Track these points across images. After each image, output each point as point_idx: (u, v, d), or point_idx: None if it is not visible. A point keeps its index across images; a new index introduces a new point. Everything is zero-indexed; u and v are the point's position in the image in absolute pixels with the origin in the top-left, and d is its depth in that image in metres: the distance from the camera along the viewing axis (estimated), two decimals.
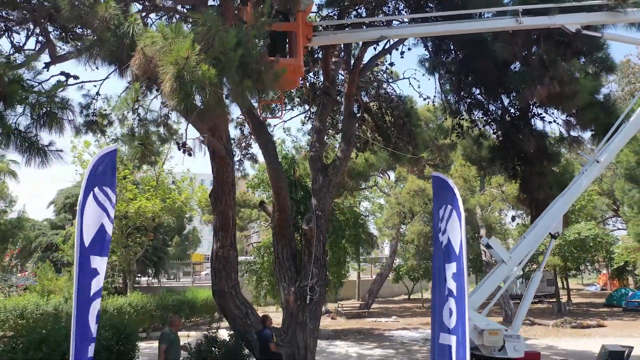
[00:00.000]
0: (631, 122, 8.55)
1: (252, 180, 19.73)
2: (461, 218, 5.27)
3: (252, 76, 5.62)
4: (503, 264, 7.91)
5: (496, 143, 11.77)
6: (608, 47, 10.46)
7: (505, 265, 7.90)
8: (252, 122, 12.32)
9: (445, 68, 11.67)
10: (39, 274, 17.60)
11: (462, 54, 11.17)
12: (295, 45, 7.44)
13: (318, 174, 11.90)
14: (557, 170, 10.98)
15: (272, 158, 11.69)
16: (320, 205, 11.68)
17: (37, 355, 7.56)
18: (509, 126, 11.17)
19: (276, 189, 11.65)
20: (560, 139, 10.44)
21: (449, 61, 11.55)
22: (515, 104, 10.78)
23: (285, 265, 11.53)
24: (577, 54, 10.00)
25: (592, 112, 9.90)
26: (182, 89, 5.09)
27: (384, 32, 8.65)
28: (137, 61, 5.50)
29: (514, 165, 11.39)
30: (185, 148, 5.90)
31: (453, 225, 5.35)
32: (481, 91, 11.48)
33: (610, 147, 8.51)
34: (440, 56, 11.62)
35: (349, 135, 12.44)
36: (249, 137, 17.53)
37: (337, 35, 8.75)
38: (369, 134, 16.71)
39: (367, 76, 15.88)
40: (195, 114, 5.29)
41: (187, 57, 5.14)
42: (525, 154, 11.01)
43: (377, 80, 16.52)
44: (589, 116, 9.91)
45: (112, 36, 5.79)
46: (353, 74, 12.28)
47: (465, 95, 11.73)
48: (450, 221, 5.43)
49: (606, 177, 25.92)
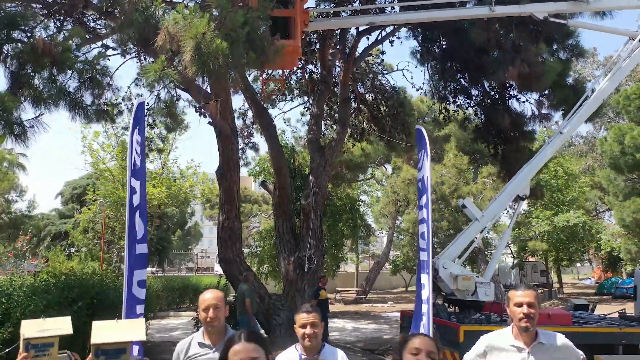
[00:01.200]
0: (591, 99, 9.77)
1: (254, 169, 21.01)
2: (428, 157, 6.50)
3: (256, 50, 6.89)
4: (476, 221, 9.15)
5: (479, 125, 13.05)
6: (578, 34, 11.78)
7: (478, 223, 9.13)
8: (255, 106, 13.63)
9: (432, 56, 12.95)
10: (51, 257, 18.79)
11: (447, 42, 12.45)
12: (294, 29, 8.70)
13: (316, 154, 13.16)
14: (533, 149, 12.24)
15: (273, 140, 12.99)
16: (318, 182, 12.93)
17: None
18: (490, 108, 12.45)
19: (277, 168, 12.94)
20: (533, 117, 11.70)
21: (434, 49, 12.83)
22: (494, 87, 12.05)
23: (285, 238, 12.78)
24: (549, 40, 11.27)
25: (563, 93, 11.18)
26: (200, 58, 6.35)
27: (372, 18, 9.93)
28: (162, 37, 6.76)
29: (495, 145, 12.65)
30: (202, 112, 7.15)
31: (424, 164, 6.59)
32: (464, 77, 12.74)
33: (573, 121, 9.75)
34: (426, 45, 12.90)
35: (343, 119, 13.74)
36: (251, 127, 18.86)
37: (331, 21, 9.99)
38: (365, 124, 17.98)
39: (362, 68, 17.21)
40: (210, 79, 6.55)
41: (204, 33, 6.40)
42: (504, 134, 12.28)
43: (372, 72, 17.82)
44: (559, 96, 11.20)
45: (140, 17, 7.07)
46: (348, 62, 13.56)
47: (450, 81, 12.99)
48: (423, 161, 6.66)
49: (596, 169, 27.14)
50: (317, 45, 14.59)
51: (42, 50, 5.88)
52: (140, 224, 5.33)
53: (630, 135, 19.70)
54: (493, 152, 12.74)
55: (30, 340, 3.11)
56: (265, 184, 15.14)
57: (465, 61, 11.99)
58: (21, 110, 5.98)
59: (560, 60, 11.37)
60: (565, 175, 25.61)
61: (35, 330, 3.18)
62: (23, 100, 5.97)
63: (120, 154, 21.04)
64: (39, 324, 3.28)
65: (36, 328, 3.20)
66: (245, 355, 2.33)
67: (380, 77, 17.74)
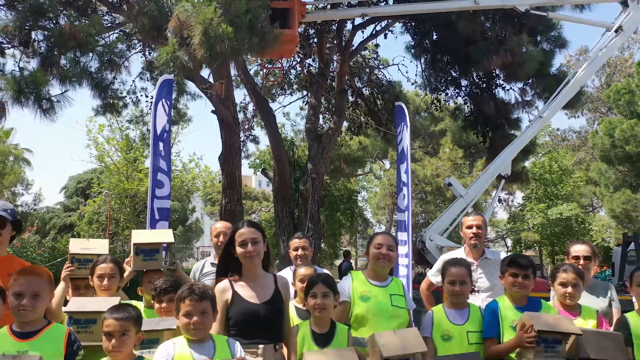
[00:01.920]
0: (569, 86, 10.61)
1: (254, 162, 21.88)
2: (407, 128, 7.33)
3: (258, 35, 7.73)
4: (461, 198, 9.98)
5: (468, 114, 13.90)
6: (561, 27, 12.63)
7: (462, 199, 9.97)
8: (255, 97, 14.48)
9: (424, 48, 13.79)
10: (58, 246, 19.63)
11: (437, 35, 13.30)
12: (292, 19, 9.55)
13: (313, 143, 13.99)
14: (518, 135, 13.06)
15: (273, 129, 13.83)
16: (315, 169, 13.76)
17: None
18: (478, 98, 13.28)
19: (276, 155, 13.79)
20: (517, 104, 12.55)
21: (426, 42, 13.67)
22: (482, 77, 12.90)
23: (285, 222, 13.61)
24: (533, 32, 12.11)
25: (545, 82, 12.03)
26: (208, 42, 7.20)
27: (364, 10, 10.80)
28: (173, 24, 7.62)
29: (484, 132, 13.48)
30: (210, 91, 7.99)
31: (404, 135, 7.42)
32: (454, 68, 13.58)
33: (552, 106, 10.59)
34: (418, 38, 13.77)
35: (340, 109, 14.58)
36: (252, 120, 19.72)
37: (327, 13, 10.86)
38: (362, 118, 18.83)
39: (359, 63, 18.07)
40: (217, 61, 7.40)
41: (212, 19, 7.25)
42: (492, 122, 13.11)
43: (368, 66, 18.68)
44: (542, 85, 12.06)
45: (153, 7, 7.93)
46: (344, 55, 14.41)
47: (441, 73, 13.84)
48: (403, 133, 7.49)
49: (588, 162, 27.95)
50: (315, 40, 15.47)
51: (68, 34, 6.73)
52: (165, 179, 6.10)
53: (619, 129, 20.51)
54: (482, 139, 13.58)
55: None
56: (266, 171, 16.02)
57: (455, 53, 12.80)
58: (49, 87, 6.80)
59: (544, 51, 12.23)
60: (560, 170, 26.42)
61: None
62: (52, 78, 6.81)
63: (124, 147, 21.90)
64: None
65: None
66: (247, 235, 3.20)
67: (377, 71, 18.60)
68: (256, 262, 3.22)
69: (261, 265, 3.29)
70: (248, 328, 3.08)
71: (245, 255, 3.17)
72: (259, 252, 3.21)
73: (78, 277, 3.92)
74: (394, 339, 3.10)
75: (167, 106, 6.31)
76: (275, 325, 3.20)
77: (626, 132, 20.27)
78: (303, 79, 18.27)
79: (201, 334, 2.79)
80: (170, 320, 3.19)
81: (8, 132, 26.46)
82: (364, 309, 3.40)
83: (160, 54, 7.35)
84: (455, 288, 3.47)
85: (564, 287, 3.54)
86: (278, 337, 3.20)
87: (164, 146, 6.11)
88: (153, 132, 6.03)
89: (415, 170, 23.87)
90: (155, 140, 6.05)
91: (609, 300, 4.04)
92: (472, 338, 3.37)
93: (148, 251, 3.91)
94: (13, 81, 6.50)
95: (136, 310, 2.94)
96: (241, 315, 3.11)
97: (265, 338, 3.11)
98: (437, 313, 3.51)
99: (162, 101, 6.19)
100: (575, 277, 3.53)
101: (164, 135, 6.07)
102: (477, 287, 4.12)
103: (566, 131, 30.34)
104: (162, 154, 6.08)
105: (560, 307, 3.59)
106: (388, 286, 3.56)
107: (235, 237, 3.22)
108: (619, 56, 27.14)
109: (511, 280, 3.46)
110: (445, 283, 3.55)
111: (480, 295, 4.13)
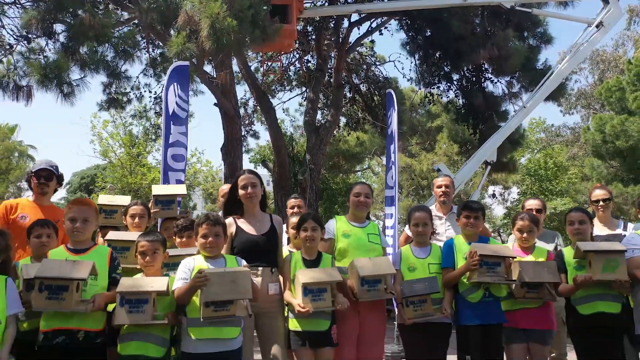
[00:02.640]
0: (552, 78, 11.38)
1: (255, 156, 22.70)
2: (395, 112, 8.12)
3: (259, 28, 8.56)
4: None
5: (459, 107, 14.74)
6: (547, 23, 13.47)
7: None
8: (256, 91, 15.32)
9: (417, 44, 14.62)
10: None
11: (430, 31, 14.11)
12: (291, 15, 10.38)
13: (312, 134, 14.83)
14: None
15: (273, 121, 14.67)
16: (314, 159, 14.58)
17: None
18: (468, 91, 14.10)
19: (276, 147, 14.62)
20: (504, 96, 13.38)
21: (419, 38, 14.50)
22: (472, 71, 13.73)
23: (283, 212, 14.43)
24: (520, 28, 12.95)
25: (531, 75, 12.84)
26: (214, 34, 8.03)
27: (358, 7, 11.65)
28: (182, 18, 8.45)
29: (474, 124, 14.30)
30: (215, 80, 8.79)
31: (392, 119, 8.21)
32: (446, 63, 14.40)
33: (535, 97, 11.37)
34: (411, 34, 14.61)
35: (337, 102, 15.43)
36: (252, 116, 20.59)
37: (323, 9, 11.74)
38: (360, 113, 19.66)
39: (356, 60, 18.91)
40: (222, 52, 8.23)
41: (218, 13, 8.08)
42: (481, 114, 13.93)
43: (365, 63, 19.52)
44: (528, 78, 12.89)
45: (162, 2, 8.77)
46: (341, 51, 15.25)
47: (433, 67, 14.66)
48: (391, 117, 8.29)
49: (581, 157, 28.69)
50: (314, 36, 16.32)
51: (88, 25, 7.57)
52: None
53: (610, 124, 21.28)
54: (473, 131, 14.40)
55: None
56: (266, 162, 16.85)
57: (446, 48, 13.63)
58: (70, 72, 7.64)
59: (530, 46, 13.07)
60: (555, 166, 27.17)
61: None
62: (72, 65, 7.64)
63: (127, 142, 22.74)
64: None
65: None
66: (247, 180, 4.02)
67: (374, 68, 19.43)
68: (255, 203, 4.05)
69: (259, 206, 4.11)
70: (249, 255, 3.88)
71: (246, 196, 3.99)
72: (257, 194, 4.03)
73: (106, 225, 4.72)
74: (369, 263, 3.93)
75: (179, 90, 7.08)
76: (272, 253, 4.01)
77: (616, 127, 21.02)
78: (302, 75, 19.12)
79: (215, 252, 3.60)
80: (189, 249, 4.01)
81: (13, 128, 27.31)
82: (346, 244, 4.22)
83: (171, 45, 8.17)
84: (419, 229, 4.29)
85: (521, 233, 4.36)
86: (274, 263, 4.01)
87: (176, 126, 6.86)
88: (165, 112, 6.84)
89: (412, 165, 24.68)
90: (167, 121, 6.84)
91: (556, 245, 4.88)
92: (432, 269, 4.19)
93: (165, 202, 4.75)
94: (39, 67, 7.32)
95: (162, 235, 3.76)
96: (243, 244, 3.92)
97: (263, 262, 3.92)
98: (404, 250, 4.34)
99: (173, 85, 6.98)
100: (530, 224, 4.34)
101: (175, 116, 6.84)
102: (445, 236, 4.95)
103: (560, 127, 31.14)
104: (180, 131, 6.80)
105: (518, 248, 4.40)
106: (366, 227, 4.38)
107: (238, 182, 4.04)
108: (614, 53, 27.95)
109: (464, 221, 4.28)
110: (411, 226, 4.37)
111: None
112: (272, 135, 14.73)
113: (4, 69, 7.29)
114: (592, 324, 3.84)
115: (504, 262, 3.97)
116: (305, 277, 3.77)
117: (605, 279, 3.73)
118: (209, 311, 3.27)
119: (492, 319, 4.02)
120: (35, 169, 4.56)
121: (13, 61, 7.42)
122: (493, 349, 4.02)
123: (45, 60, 7.56)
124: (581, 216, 4.19)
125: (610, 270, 3.72)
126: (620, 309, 3.86)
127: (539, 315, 4.11)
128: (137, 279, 3.49)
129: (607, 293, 3.83)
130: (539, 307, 4.10)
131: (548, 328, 4.16)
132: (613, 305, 3.84)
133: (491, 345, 4.01)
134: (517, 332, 4.11)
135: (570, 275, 4.03)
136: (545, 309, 4.13)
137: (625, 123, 20.90)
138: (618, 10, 11.48)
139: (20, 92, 7.48)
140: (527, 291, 3.97)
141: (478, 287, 4.03)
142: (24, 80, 7.45)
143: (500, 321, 4.05)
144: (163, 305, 3.42)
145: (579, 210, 4.34)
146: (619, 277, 3.70)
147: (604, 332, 3.80)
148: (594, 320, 3.84)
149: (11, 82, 7.35)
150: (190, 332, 3.36)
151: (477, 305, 4.03)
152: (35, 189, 4.55)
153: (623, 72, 24.37)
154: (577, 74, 27.81)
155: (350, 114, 19.75)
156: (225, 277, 3.30)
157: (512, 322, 4.12)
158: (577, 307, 3.92)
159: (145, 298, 3.28)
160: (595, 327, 3.82)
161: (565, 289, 3.97)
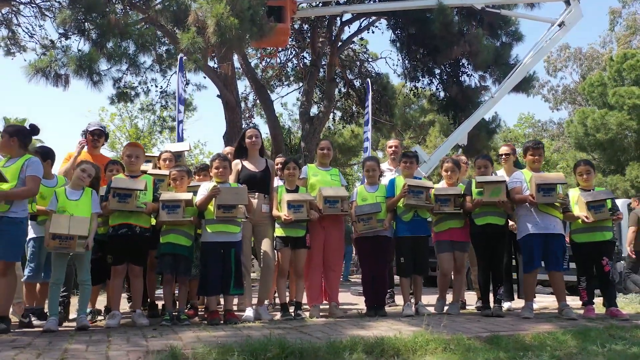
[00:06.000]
0: (517, 71, 13.22)
1: None
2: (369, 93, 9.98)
3: (257, 26, 10.43)
4: (424, 162, 12.61)
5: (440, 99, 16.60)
6: (518, 23, 15.31)
7: (425, 164, 12.59)
8: (255, 84, 17.22)
9: (402, 41, 16.48)
10: None
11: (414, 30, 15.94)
12: (285, 15, 12.25)
13: (306, 124, 16.69)
14: (486, 118, 15.70)
15: (271, 111, 16.56)
16: (308, 147, 16.40)
17: None
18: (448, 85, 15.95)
19: (273, 135, 16.51)
20: (476, 88, 15.23)
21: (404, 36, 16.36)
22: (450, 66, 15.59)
23: None
24: (493, 27, 14.78)
25: (502, 69, 14.67)
26: (219, 30, 9.89)
27: (345, 8, 13.55)
28: (192, 17, 10.32)
29: (454, 115, 16.13)
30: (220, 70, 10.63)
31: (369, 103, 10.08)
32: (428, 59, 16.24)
33: (502, 88, 13.22)
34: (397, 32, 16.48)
35: (329, 94, 17.30)
36: (252, 109, 22.48)
37: (314, 10, 13.60)
38: (354, 107, 21.49)
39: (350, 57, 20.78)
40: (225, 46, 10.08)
41: (222, 13, 9.94)
42: (459, 105, 15.76)
43: (359, 60, 21.36)
44: (500, 72, 14.72)
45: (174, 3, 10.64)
46: (333, 47, 17.12)
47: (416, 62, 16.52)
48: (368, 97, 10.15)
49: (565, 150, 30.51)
50: (309, 34, 18.20)
51: (114, 24, 9.43)
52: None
53: (591, 118, 23.15)
54: (452, 121, 16.24)
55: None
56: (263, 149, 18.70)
57: (427, 45, 15.47)
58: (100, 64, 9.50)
59: (503, 43, 14.93)
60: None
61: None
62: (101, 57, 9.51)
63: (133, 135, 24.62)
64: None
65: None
66: (252, 132, 5.88)
67: (366, 64, 21.27)
68: (256, 148, 5.90)
69: (259, 153, 5.96)
70: (249, 185, 5.70)
71: (250, 143, 5.84)
72: (258, 143, 5.90)
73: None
74: (330, 189, 5.79)
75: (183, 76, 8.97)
76: (266, 184, 5.86)
77: (597, 121, 22.90)
78: (299, 71, 20.99)
79: (223, 178, 5.44)
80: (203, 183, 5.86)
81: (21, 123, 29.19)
82: (314, 181, 6.09)
83: (182, 39, 10.03)
84: (370, 173, 6.13)
85: (446, 172, 6.24)
86: (267, 191, 5.85)
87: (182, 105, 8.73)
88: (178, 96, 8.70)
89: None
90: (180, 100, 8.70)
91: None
92: (378, 199, 6.02)
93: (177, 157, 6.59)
94: (75, 58, 9.19)
95: (187, 167, 5.64)
96: (245, 177, 5.76)
97: (259, 191, 5.76)
98: (360, 188, 6.19)
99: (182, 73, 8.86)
100: (452, 165, 6.18)
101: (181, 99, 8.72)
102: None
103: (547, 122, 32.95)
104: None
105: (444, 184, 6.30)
106: (329, 171, 6.25)
107: (246, 133, 5.91)
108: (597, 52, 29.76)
109: (403, 165, 6.14)
110: (364, 171, 6.21)
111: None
112: (270, 125, 16.59)
113: (48, 60, 9.14)
114: (484, 231, 5.70)
115: (426, 191, 5.83)
116: (289, 197, 5.64)
117: (492, 200, 5.60)
118: (220, 212, 5.12)
119: (420, 232, 5.90)
120: (91, 128, 6.39)
121: (54, 54, 9.27)
122: (420, 253, 5.89)
123: (79, 54, 9.41)
124: (485, 162, 6.03)
125: (495, 195, 5.59)
126: (504, 222, 5.75)
127: (460, 232, 5.99)
128: (172, 193, 5.35)
129: (494, 211, 5.71)
130: (461, 227, 5.96)
131: (466, 240, 6.01)
132: (498, 219, 5.72)
133: (419, 251, 5.88)
134: (445, 244, 5.98)
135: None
136: (465, 228, 5.98)
137: (605, 117, 22.77)
138: (578, 11, 13.31)
139: (59, 80, 9.33)
140: (440, 205, 5.83)
141: (409, 210, 5.88)
142: (62, 70, 9.28)
143: (425, 234, 5.93)
144: (190, 211, 5.28)
145: (485, 157, 6.17)
146: (500, 198, 5.57)
147: (492, 237, 5.67)
148: (485, 228, 5.70)
149: (52, 71, 9.18)
150: (207, 227, 5.24)
151: (409, 223, 5.90)
152: (90, 143, 6.37)
153: (605, 69, 26.22)
154: (563, 71, 29.68)
155: (344, 108, 21.59)
156: (231, 190, 5.18)
157: (443, 237, 6.00)
158: (474, 220, 5.79)
159: (178, 204, 5.14)
160: (485, 233, 5.68)
161: (468, 206, 5.83)
